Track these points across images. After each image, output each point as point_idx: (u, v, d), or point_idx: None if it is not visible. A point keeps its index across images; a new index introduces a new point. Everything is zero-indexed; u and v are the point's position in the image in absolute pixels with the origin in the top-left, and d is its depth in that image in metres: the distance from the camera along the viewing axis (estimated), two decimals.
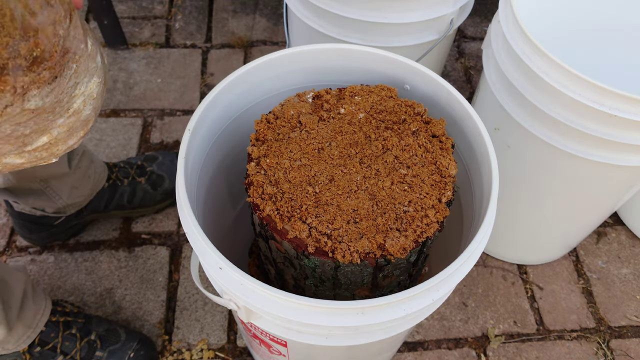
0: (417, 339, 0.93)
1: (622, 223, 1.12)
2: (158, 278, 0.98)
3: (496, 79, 0.75)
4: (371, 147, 0.55)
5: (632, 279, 1.03)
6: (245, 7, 1.51)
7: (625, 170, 0.71)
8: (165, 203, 1.06)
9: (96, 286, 0.97)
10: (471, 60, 1.40)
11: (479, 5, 1.53)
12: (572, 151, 0.69)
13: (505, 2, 0.73)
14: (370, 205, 0.50)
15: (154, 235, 1.04)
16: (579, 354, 0.94)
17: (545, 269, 1.04)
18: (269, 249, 0.55)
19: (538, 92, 0.67)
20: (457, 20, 0.90)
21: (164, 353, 0.90)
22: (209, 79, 1.32)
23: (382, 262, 0.48)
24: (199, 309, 0.95)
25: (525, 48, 0.67)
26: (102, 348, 0.82)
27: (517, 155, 0.78)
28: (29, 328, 0.77)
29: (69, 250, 1.01)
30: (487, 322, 0.96)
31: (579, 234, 0.95)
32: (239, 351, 0.91)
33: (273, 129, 0.56)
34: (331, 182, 0.52)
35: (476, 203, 0.61)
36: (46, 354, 0.79)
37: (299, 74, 0.66)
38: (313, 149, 0.54)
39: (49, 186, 0.88)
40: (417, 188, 0.51)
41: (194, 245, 0.50)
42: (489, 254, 1.05)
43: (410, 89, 0.64)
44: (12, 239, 1.02)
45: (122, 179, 1.01)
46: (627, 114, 0.61)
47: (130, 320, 0.93)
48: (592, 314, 0.99)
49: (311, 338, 0.51)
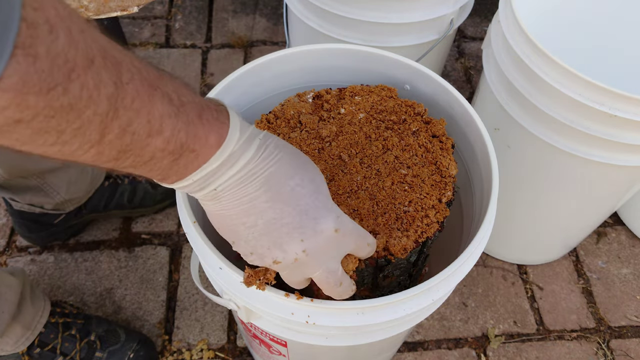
0: (417, 339, 0.93)
1: (622, 223, 1.12)
2: (158, 278, 0.98)
3: (496, 79, 0.75)
4: (371, 147, 0.55)
5: (632, 279, 1.03)
6: (245, 7, 1.51)
7: (625, 170, 0.71)
8: (165, 203, 1.05)
9: (96, 286, 0.97)
10: (471, 60, 1.40)
11: (479, 5, 1.53)
12: (572, 151, 0.69)
13: (505, 2, 0.73)
14: (371, 205, 0.50)
15: (154, 235, 1.04)
16: (579, 354, 0.94)
17: (545, 269, 1.04)
18: None
19: (538, 92, 0.67)
20: (457, 20, 0.90)
21: (164, 353, 0.90)
22: (209, 79, 1.32)
23: (382, 262, 0.48)
24: (199, 309, 0.95)
25: (525, 48, 0.67)
26: (102, 349, 0.82)
27: (517, 155, 0.78)
28: (28, 329, 0.77)
29: (69, 250, 1.01)
30: (487, 322, 0.96)
31: (579, 234, 0.95)
32: (239, 351, 0.91)
33: (273, 129, 0.56)
34: (331, 182, 0.52)
35: (476, 203, 0.60)
36: (46, 355, 0.79)
37: (299, 74, 0.66)
38: (313, 149, 0.54)
39: (46, 182, 0.87)
40: (418, 188, 0.51)
41: (194, 245, 0.50)
42: (489, 254, 1.05)
43: (410, 89, 0.64)
44: (12, 239, 1.02)
45: (122, 178, 1.01)
46: (627, 114, 0.61)
47: (130, 320, 0.93)
48: (592, 314, 0.99)
49: (311, 338, 0.51)
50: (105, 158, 0.29)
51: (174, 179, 0.34)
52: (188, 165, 0.33)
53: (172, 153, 0.32)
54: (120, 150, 0.29)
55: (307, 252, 0.37)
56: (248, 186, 0.36)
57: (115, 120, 0.27)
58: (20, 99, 0.23)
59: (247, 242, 0.38)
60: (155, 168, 0.32)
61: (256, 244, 0.38)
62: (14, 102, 0.23)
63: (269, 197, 0.36)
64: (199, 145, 0.33)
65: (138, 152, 0.30)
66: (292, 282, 0.42)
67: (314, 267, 0.39)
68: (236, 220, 0.37)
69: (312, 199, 0.37)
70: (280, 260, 0.38)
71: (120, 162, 0.30)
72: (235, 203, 0.36)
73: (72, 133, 0.26)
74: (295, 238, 0.37)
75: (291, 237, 0.37)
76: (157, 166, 0.32)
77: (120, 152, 0.29)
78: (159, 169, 0.33)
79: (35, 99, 0.23)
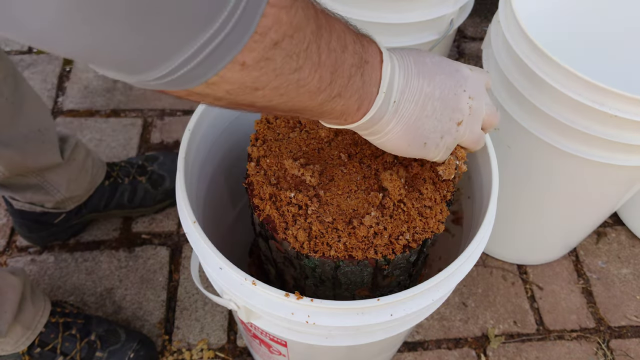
0: (417, 339, 0.93)
1: (622, 223, 1.12)
2: (158, 278, 0.98)
3: (496, 79, 0.75)
4: (371, 147, 0.55)
5: (632, 279, 1.03)
6: None
7: (625, 170, 0.71)
8: (166, 203, 1.05)
9: (96, 286, 0.97)
10: (471, 60, 1.40)
11: (479, 5, 1.53)
12: (573, 151, 0.69)
13: (505, 2, 0.73)
14: (370, 205, 0.50)
15: (154, 235, 1.04)
16: (579, 354, 0.94)
17: (545, 269, 1.04)
18: (269, 249, 0.55)
19: (538, 92, 0.67)
20: (457, 20, 0.90)
21: (164, 353, 0.90)
22: None
23: (382, 262, 0.48)
24: (199, 309, 0.95)
25: (525, 48, 0.67)
26: (102, 348, 0.82)
27: (517, 155, 0.78)
28: (28, 329, 0.77)
29: (69, 250, 1.01)
30: (487, 322, 0.96)
31: (579, 234, 0.95)
32: (239, 351, 0.91)
33: (273, 129, 0.56)
34: (331, 182, 0.52)
35: (476, 203, 0.60)
36: (46, 354, 0.79)
37: None
38: (313, 149, 0.54)
39: (46, 180, 0.87)
40: (418, 188, 0.51)
41: (194, 245, 0.50)
42: (489, 254, 1.05)
43: None
44: (12, 239, 1.02)
45: (122, 178, 1.01)
46: (627, 114, 0.61)
47: (130, 320, 0.93)
48: (592, 314, 0.99)
49: (311, 338, 0.51)
50: (325, 83, 0.34)
51: (368, 101, 0.39)
52: (372, 77, 0.39)
53: (358, 67, 0.37)
54: (332, 72, 0.34)
55: (471, 96, 0.45)
56: (412, 80, 0.41)
57: (321, 39, 0.32)
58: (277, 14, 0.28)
59: (434, 130, 0.44)
60: (354, 90, 0.37)
61: (442, 122, 0.44)
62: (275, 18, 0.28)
63: (428, 80, 0.42)
64: (369, 54, 0.38)
65: (341, 70, 0.35)
66: (474, 136, 0.47)
67: (480, 107, 0.46)
68: (421, 118, 0.42)
69: (445, 62, 0.44)
70: (461, 118, 0.45)
71: (334, 87, 0.35)
72: (412, 102, 0.42)
73: (304, 55, 0.31)
74: (460, 94, 0.44)
75: (458, 95, 0.44)
76: (354, 87, 0.37)
77: (332, 73, 0.34)
78: (356, 91, 0.38)
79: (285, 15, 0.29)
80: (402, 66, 0.41)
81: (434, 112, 0.43)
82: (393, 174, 0.50)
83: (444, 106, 0.43)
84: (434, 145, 0.45)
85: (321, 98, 0.35)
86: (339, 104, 0.37)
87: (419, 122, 0.42)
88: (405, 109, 0.41)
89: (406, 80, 0.41)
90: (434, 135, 0.44)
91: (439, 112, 0.43)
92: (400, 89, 0.41)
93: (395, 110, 0.41)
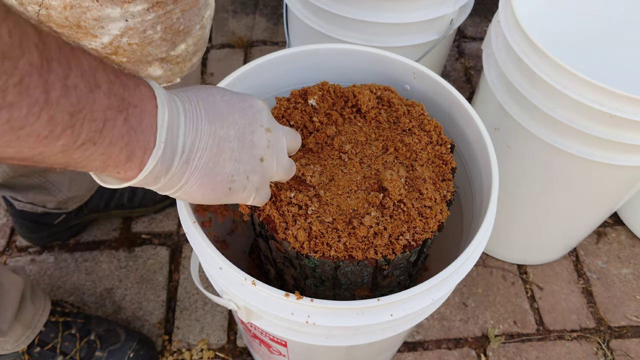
0: (417, 339, 0.93)
1: (622, 223, 1.12)
2: (158, 278, 0.98)
3: (496, 79, 0.75)
4: (371, 147, 0.55)
5: (632, 279, 1.03)
6: (245, 7, 1.51)
7: (625, 170, 0.71)
8: (165, 203, 1.06)
9: (96, 286, 0.97)
10: (471, 60, 1.40)
11: (479, 5, 1.53)
12: (573, 151, 0.69)
13: (505, 2, 0.73)
14: (370, 205, 0.50)
15: (154, 235, 1.04)
16: (579, 354, 0.94)
17: (545, 269, 1.04)
18: (269, 249, 0.55)
19: (538, 92, 0.67)
20: (457, 20, 0.90)
21: (164, 353, 0.90)
22: (209, 79, 1.32)
23: (382, 262, 0.48)
24: (199, 309, 0.95)
25: (525, 48, 0.67)
26: (102, 348, 0.82)
27: (517, 155, 0.78)
28: (28, 328, 0.77)
29: (69, 250, 1.01)
30: (487, 322, 0.96)
31: (579, 234, 0.95)
32: (239, 351, 0.91)
33: None
34: (331, 182, 0.52)
35: (476, 203, 0.60)
36: (46, 354, 0.79)
37: (299, 73, 0.66)
38: (313, 149, 0.54)
39: (48, 180, 0.88)
40: (417, 188, 0.51)
41: (194, 245, 0.50)
42: (489, 254, 1.05)
43: (410, 89, 0.64)
44: (12, 239, 1.02)
45: None
46: (627, 114, 0.61)
47: (130, 320, 0.93)
48: (592, 314, 0.99)
49: (311, 338, 0.51)
50: (61, 127, 0.28)
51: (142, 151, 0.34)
52: (144, 123, 0.33)
53: (118, 110, 0.31)
54: (73, 113, 0.28)
55: (268, 129, 0.43)
56: (202, 125, 0.38)
57: (49, 73, 0.27)
58: None
59: (237, 172, 0.40)
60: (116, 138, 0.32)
61: (243, 163, 0.41)
62: None
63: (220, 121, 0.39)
64: (136, 97, 0.33)
65: (89, 112, 0.29)
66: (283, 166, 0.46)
67: (279, 137, 0.45)
68: (218, 163, 0.39)
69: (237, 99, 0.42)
70: (262, 154, 0.42)
71: (81, 131, 0.29)
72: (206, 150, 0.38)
73: (15, 90, 0.25)
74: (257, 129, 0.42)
75: (254, 132, 0.41)
76: (115, 134, 0.31)
77: (73, 114, 0.28)
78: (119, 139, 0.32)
79: None
80: (189, 110, 0.37)
81: (232, 154, 0.39)
82: (393, 174, 0.50)
83: (242, 145, 0.40)
84: (242, 188, 0.42)
85: (61, 144, 0.29)
86: (95, 153, 0.31)
87: (217, 168, 0.39)
88: (198, 157, 0.37)
89: (195, 126, 0.37)
90: (239, 178, 0.41)
91: (237, 152, 0.40)
92: (190, 137, 0.36)
93: (187, 161, 0.37)
